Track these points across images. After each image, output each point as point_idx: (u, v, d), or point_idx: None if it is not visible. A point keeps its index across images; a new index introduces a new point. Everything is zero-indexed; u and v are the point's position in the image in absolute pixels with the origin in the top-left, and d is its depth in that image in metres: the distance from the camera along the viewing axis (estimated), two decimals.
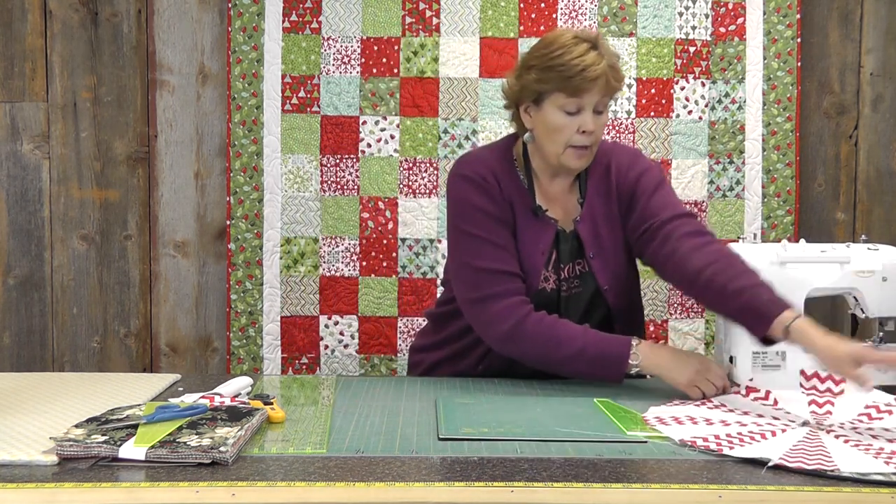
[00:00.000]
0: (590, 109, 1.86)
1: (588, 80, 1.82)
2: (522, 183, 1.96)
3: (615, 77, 1.87)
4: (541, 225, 1.94)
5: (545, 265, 1.93)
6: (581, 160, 1.90)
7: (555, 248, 1.95)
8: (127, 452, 1.35)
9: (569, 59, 1.83)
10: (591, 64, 1.82)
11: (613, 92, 1.89)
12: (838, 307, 2.93)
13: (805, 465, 1.33)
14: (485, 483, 1.28)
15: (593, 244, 1.96)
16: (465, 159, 2.02)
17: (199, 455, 1.34)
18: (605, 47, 1.87)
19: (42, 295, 2.98)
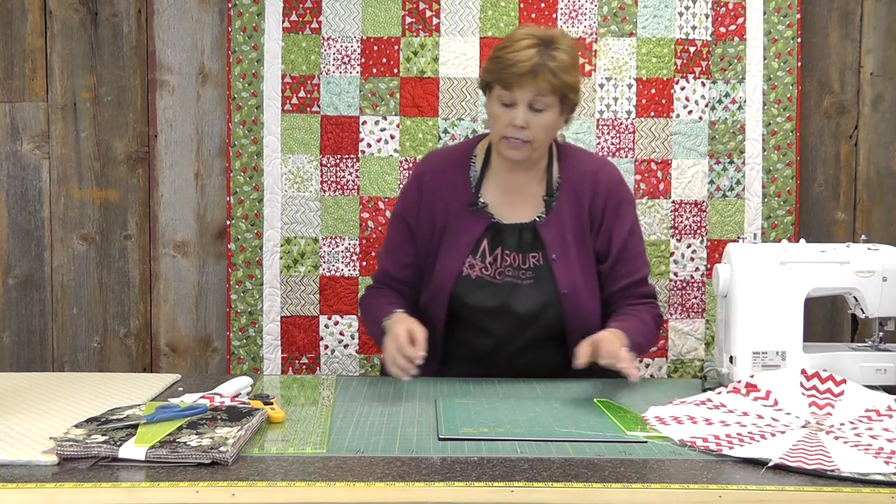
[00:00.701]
0: (523, 105, 1.92)
1: (515, 74, 1.90)
2: (471, 180, 2.06)
3: (549, 78, 1.89)
4: (474, 218, 2.03)
5: (470, 254, 2.01)
6: (514, 151, 1.97)
7: (486, 238, 2.02)
8: (127, 452, 1.36)
9: (507, 52, 1.92)
10: (522, 60, 1.89)
11: (551, 92, 1.91)
12: (838, 307, 2.93)
13: (805, 465, 1.33)
14: (485, 483, 1.28)
15: (558, 246, 2.01)
16: (424, 158, 2.23)
17: (199, 455, 1.35)
18: (554, 52, 1.91)
19: (42, 295, 2.98)
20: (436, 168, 2.12)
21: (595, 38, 2.88)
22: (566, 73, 1.93)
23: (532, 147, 1.97)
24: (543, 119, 1.94)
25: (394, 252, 2.13)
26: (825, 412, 1.64)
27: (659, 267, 2.89)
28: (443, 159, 2.15)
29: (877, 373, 1.83)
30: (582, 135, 2.88)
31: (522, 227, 2.03)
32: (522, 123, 1.93)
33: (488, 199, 2.06)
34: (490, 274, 2.01)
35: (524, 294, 2.00)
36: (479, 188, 2.06)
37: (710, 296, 2.89)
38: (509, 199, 2.06)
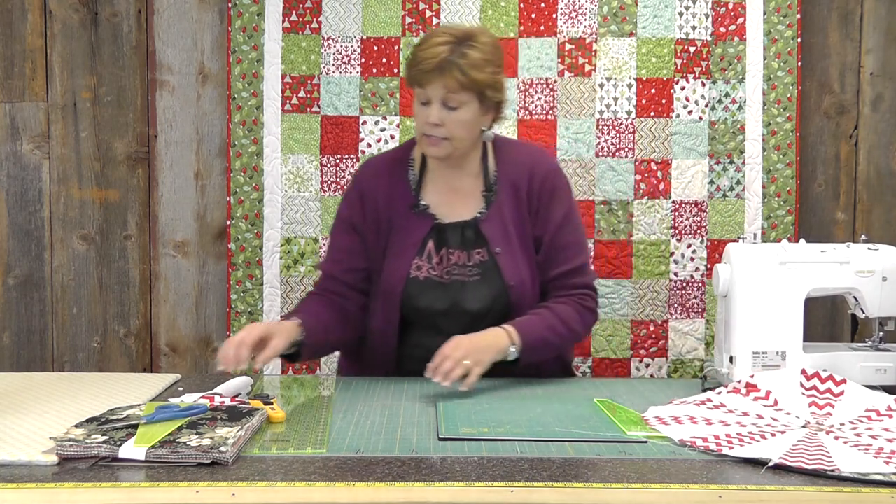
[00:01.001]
0: (436, 102, 1.93)
1: (423, 71, 1.91)
2: (410, 182, 2.07)
3: (458, 76, 1.89)
4: (418, 220, 2.03)
5: (416, 255, 2.01)
6: (433, 148, 1.97)
7: (431, 239, 2.02)
8: (127, 452, 1.36)
9: (419, 50, 1.94)
10: (430, 57, 1.90)
11: (463, 89, 1.90)
12: (838, 307, 2.93)
13: (805, 465, 1.33)
14: (485, 483, 1.28)
15: (501, 240, 2.01)
16: (362, 164, 2.20)
17: (199, 455, 1.35)
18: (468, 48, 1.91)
19: (42, 295, 2.98)
20: (375, 173, 2.11)
21: (595, 38, 2.88)
22: (477, 70, 1.91)
23: (452, 144, 1.96)
24: (459, 116, 1.93)
25: (341, 258, 2.08)
26: (825, 412, 1.64)
27: (659, 267, 2.89)
28: (381, 164, 2.14)
29: (877, 373, 1.83)
30: (582, 135, 2.88)
31: (465, 224, 2.03)
32: (436, 121, 1.93)
33: (429, 200, 2.06)
34: (438, 274, 2.01)
35: (472, 291, 2.00)
36: (420, 190, 2.06)
37: (710, 296, 2.89)
38: (449, 198, 2.06)
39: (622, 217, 2.89)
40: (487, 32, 2.02)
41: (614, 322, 2.89)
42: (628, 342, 2.90)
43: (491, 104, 1.99)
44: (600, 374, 2.89)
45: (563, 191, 2.08)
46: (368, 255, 2.07)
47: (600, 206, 2.89)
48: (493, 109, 2.02)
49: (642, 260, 2.89)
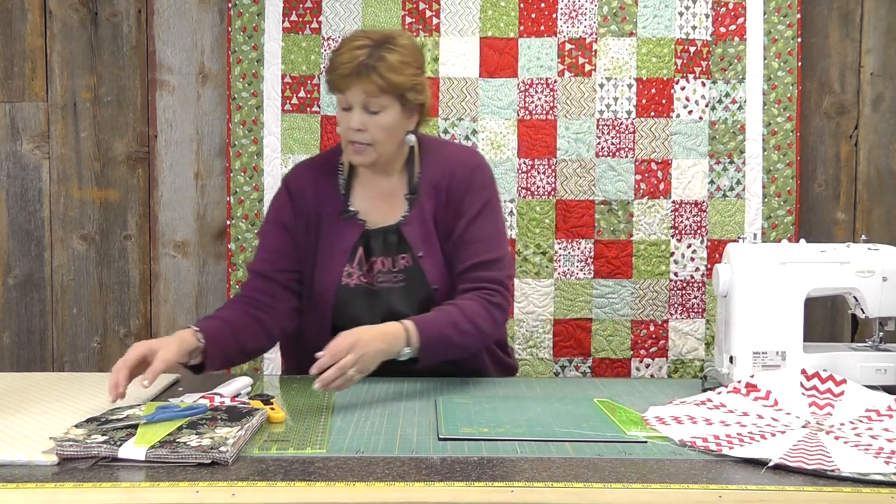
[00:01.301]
0: (357, 107, 1.90)
1: (341, 76, 1.88)
2: (339, 188, 2.04)
3: (377, 79, 1.86)
4: (347, 226, 2.00)
5: (347, 262, 1.98)
6: (358, 156, 1.94)
7: (361, 246, 1.99)
8: (127, 452, 1.36)
9: (336, 55, 1.91)
10: (347, 61, 1.87)
11: (383, 92, 1.88)
12: (838, 307, 2.93)
13: (805, 465, 1.33)
14: (485, 483, 1.28)
15: (423, 243, 1.98)
16: (291, 170, 2.15)
17: (199, 455, 1.35)
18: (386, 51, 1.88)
19: (42, 295, 2.98)
20: (304, 178, 2.07)
21: (595, 38, 2.88)
22: (395, 72, 1.88)
23: (376, 150, 1.93)
24: (380, 120, 1.90)
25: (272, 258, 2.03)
26: (825, 412, 1.64)
27: (659, 267, 2.89)
28: (310, 169, 2.10)
29: (877, 373, 1.83)
30: (582, 135, 2.88)
31: (387, 230, 2.00)
32: (358, 126, 1.90)
33: (358, 206, 2.03)
34: (368, 281, 1.98)
35: (399, 297, 1.97)
36: (349, 195, 2.03)
37: (710, 296, 2.89)
38: (377, 203, 2.03)
39: (622, 217, 2.89)
40: (406, 35, 1.99)
41: (614, 322, 2.89)
42: (628, 342, 2.90)
43: (413, 107, 1.95)
44: (600, 374, 2.89)
45: (480, 185, 2.02)
46: (299, 257, 2.03)
47: (600, 206, 2.89)
48: (417, 112, 1.98)
49: (642, 260, 2.89)
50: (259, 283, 2.02)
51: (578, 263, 2.89)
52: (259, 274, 2.02)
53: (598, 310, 2.89)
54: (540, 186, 2.88)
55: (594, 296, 2.89)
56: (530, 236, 2.89)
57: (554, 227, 2.89)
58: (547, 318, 2.89)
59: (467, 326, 1.88)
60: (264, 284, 2.01)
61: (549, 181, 2.88)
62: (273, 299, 2.00)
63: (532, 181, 2.88)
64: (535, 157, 2.88)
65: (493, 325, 1.95)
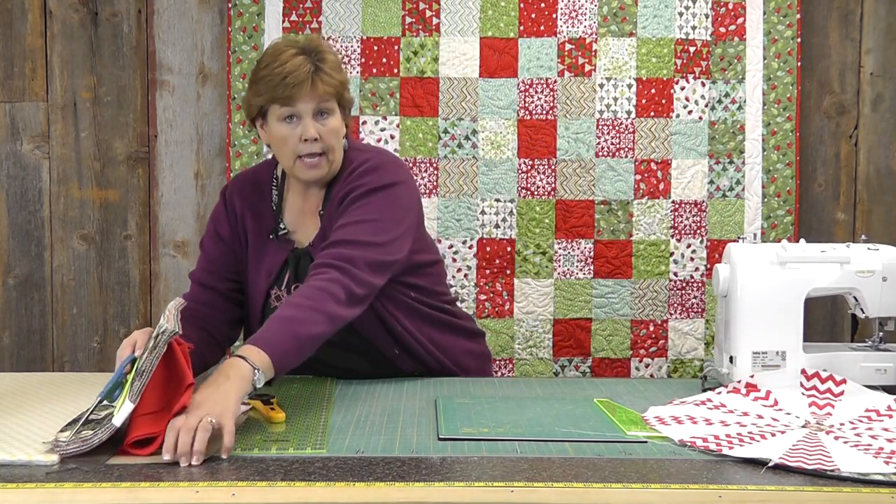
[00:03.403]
0: (308, 116, 1.85)
1: (291, 85, 1.82)
2: (272, 204, 1.97)
3: (326, 81, 1.84)
4: (276, 246, 1.94)
5: (273, 285, 1.92)
6: (314, 170, 1.87)
7: (290, 267, 1.92)
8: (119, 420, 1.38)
9: (272, 68, 1.83)
10: (292, 70, 1.82)
11: (331, 95, 1.86)
12: (838, 307, 2.93)
13: (805, 465, 1.33)
14: (485, 483, 1.28)
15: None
16: (231, 181, 2.08)
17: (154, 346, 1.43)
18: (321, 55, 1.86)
19: (42, 295, 2.98)
20: (239, 192, 2.01)
21: (595, 38, 2.88)
22: (338, 71, 1.89)
23: (328, 159, 1.88)
24: (331, 124, 1.87)
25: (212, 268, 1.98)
26: (825, 412, 1.64)
27: (659, 267, 2.89)
28: (247, 184, 2.03)
29: (877, 373, 1.83)
30: (582, 135, 2.88)
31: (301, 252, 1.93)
32: (315, 135, 1.84)
33: (290, 224, 1.96)
34: None
35: None
36: (280, 213, 1.97)
37: (710, 296, 2.89)
38: (304, 219, 1.97)
39: (622, 217, 2.89)
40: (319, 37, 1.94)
41: (614, 322, 2.89)
42: (628, 342, 2.90)
43: (345, 107, 1.93)
44: (600, 374, 2.89)
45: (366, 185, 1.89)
46: (238, 268, 1.99)
47: (600, 206, 2.89)
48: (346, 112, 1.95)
49: (642, 260, 2.89)
50: (200, 294, 1.97)
51: (578, 263, 2.89)
52: (199, 284, 1.99)
53: (597, 310, 2.89)
54: (540, 186, 2.88)
55: (594, 296, 2.89)
56: (530, 236, 2.89)
57: (554, 227, 2.89)
58: (547, 318, 2.89)
59: (314, 315, 1.69)
60: (205, 295, 1.97)
61: (548, 181, 2.88)
62: (214, 310, 1.96)
63: (532, 181, 2.88)
64: (534, 157, 2.88)
65: (342, 301, 1.74)
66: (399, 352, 1.98)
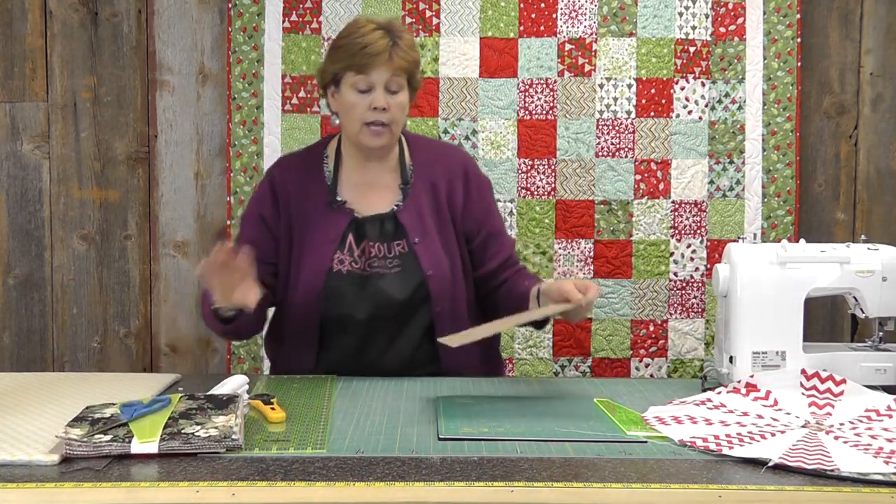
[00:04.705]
0: (380, 87, 1.96)
1: (369, 55, 1.94)
2: (326, 179, 2.08)
3: (402, 56, 1.96)
4: (336, 215, 2.04)
5: (338, 250, 2.01)
6: (378, 138, 1.99)
7: (350, 233, 2.02)
8: (138, 448, 1.37)
9: (353, 38, 1.97)
10: (371, 42, 1.95)
11: (404, 71, 1.97)
12: (838, 307, 2.93)
13: (805, 465, 1.33)
14: (485, 483, 1.28)
15: (419, 231, 2.03)
16: (275, 162, 2.22)
17: (212, 445, 1.38)
18: (399, 33, 1.99)
19: (42, 295, 2.98)
20: (288, 170, 2.11)
21: (595, 38, 2.88)
22: (413, 50, 2.01)
23: (391, 131, 2.00)
24: (399, 100, 1.99)
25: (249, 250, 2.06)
26: (825, 412, 1.64)
27: (659, 267, 2.89)
28: (295, 162, 2.15)
29: (877, 373, 1.83)
30: (582, 135, 2.88)
31: (383, 217, 2.04)
32: (384, 104, 1.96)
33: (346, 196, 2.06)
34: (360, 267, 2.01)
35: (392, 282, 2.00)
36: (336, 186, 2.07)
37: (710, 296, 2.89)
38: (365, 192, 2.07)
39: (622, 217, 2.89)
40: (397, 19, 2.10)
41: (614, 322, 2.89)
42: (628, 342, 2.90)
43: (413, 87, 2.04)
44: (600, 374, 2.89)
45: (487, 185, 2.16)
46: (276, 250, 2.06)
47: (600, 206, 2.89)
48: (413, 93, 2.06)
49: (642, 260, 2.89)
50: None
51: (578, 263, 2.89)
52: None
53: (597, 309, 2.89)
54: (540, 186, 2.88)
55: None
56: (530, 236, 2.89)
57: (554, 227, 2.89)
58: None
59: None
60: None
61: (548, 181, 2.88)
62: None
63: (532, 181, 2.88)
64: (534, 157, 2.88)
65: None
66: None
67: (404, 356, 2.02)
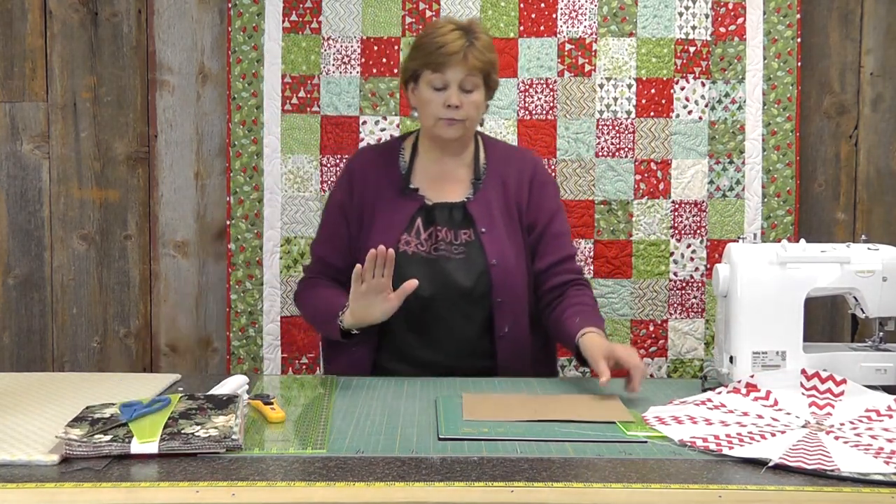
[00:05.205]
0: (455, 86, 2.04)
1: (444, 54, 2.02)
2: (401, 168, 2.17)
3: (477, 57, 2.03)
4: (407, 200, 2.12)
5: (405, 231, 2.09)
6: (451, 129, 2.08)
7: (420, 217, 2.10)
8: (138, 448, 1.37)
9: (431, 38, 2.06)
10: (451, 41, 2.03)
11: (479, 71, 2.04)
12: (838, 307, 2.93)
13: (805, 465, 1.33)
14: (485, 483, 1.28)
15: (486, 222, 2.10)
16: (355, 153, 2.39)
17: (212, 445, 1.38)
18: (476, 34, 2.06)
19: (42, 295, 2.98)
20: (365, 160, 2.23)
21: (595, 38, 2.88)
22: (490, 51, 2.08)
23: (465, 126, 2.08)
24: (473, 98, 2.06)
25: (330, 238, 2.18)
26: (825, 412, 1.64)
27: (659, 267, 2.89)
28: (372, 153, 2.28)
29: (877, 373, 1.83)
30: (582, 135, 2.88)
31: (453, 205, 2.12)
32: (457, 102, 2.03)
33: (418, 185, 2.15)
34: (426, 250, 2.08)
35: (457, 268, 2.07)
36: (409, 176, 2.16)
37: (710, 296, 2.89)
38: (439, 182, 2.15)
39: (622, 217, 2.89)
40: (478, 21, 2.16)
41: (614, 322, 2.89)
42: (628, 342, 2.90)
43: (490, 87, 2.12)
44: None
45: (553, 185, 2.25)
46: (351, 242, 2.15)
47: (600, 206, 2.89)
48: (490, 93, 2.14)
49: (642, 260, 2.89)
50: (323, 268, 2.17)
51: (578, 263, 2.89)
52: (322, 258, 2.18)
53: None
54: None
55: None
56: None
57: None
58: None
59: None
60: (328, 269, 2.16)
61: None
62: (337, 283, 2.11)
63: None
64: None
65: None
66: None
67: (463, 344, 2.07)
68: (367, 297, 1.90)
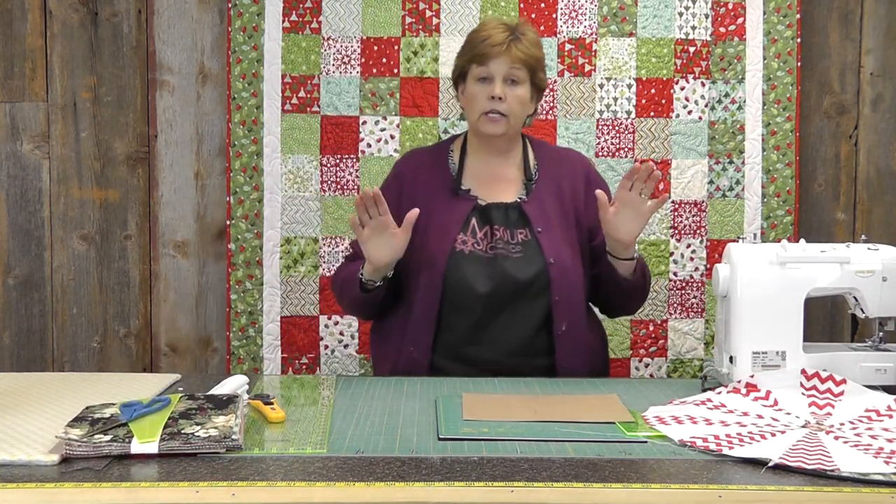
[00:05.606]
0: (499, 78, 2.07)
1: (490, 45, 2.06)
2: (451, 170, 2.19)
3: (522, 49, 2.07)
4: (460, 201, 2.14)
5: (461, 231, 2.10)
6: (494, 125, 2.10)
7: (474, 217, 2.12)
8: (138, 448, 1.37)
9: (480, 33, 2.12)
10: (496, 33, 2.08)
11: (523, 64, 2.07)
12: (838, 307, 2.93)
13: (805, 465, 1.33)
14: (485, 483, 1.28)
15: (541, 221, 2.11)
16: (403, 155, 2.40)
17: (212, 445, 1.38)
18: (523, 30, 2.11)
19: (42, 295, 2.98)
20: (415, 162, 2.24)
21: (595, 38, 2.88)
22: (535, 47, 2.11)
23: (508, 122, 2.09)
24: (517, 92, 2.08)
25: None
26: (825, 412, 1.64)
27: (659, 267, 2.89)
28: (421, 155, 2.29)
29: (877, 373, 1.83)
30: (582, 135, 2.88)
31: (508, 206, 2.13)
32: (500, 94, 2.06)
33: (470, 185, 2.17)
34: (482, 248, 2.09)
35: (515, 265, 2.07)
36: (460, 177, 2.17)
37: (710, 296, 2.89)
38: (490, 183, 2.16)
39: None
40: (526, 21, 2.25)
41: (614, 322, 2.89)
42: (628, 342, 2.90)
43: (537, 87, 2.14)
44: None
45: (605, 185, 2.25)
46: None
47: None
48: (536, 98, 2.17)
49: None
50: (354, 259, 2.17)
51: None
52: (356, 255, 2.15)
53: None
54: None
55: None
56: None
57: None
58: None
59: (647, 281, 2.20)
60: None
61: None
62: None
63: None
64: None
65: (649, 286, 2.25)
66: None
67: (520, 342, 2.07)
68: (373, 240, 1.96)
